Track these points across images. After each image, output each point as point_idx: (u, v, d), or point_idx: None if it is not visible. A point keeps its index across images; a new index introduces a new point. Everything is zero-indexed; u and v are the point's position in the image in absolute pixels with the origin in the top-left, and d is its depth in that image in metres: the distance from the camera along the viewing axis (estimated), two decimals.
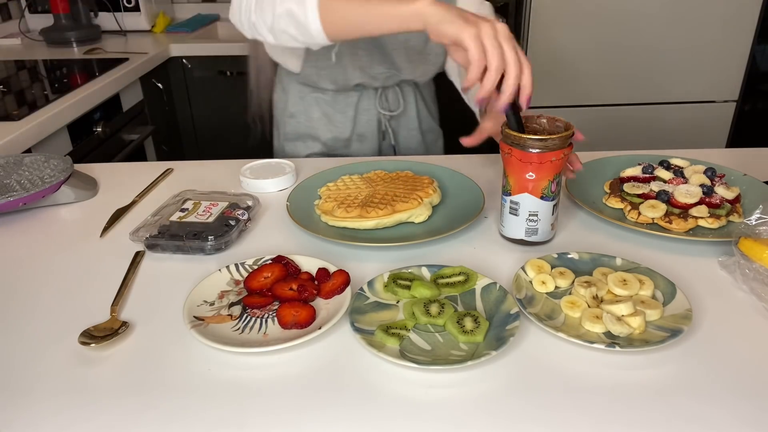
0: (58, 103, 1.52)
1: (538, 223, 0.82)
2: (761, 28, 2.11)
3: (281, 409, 0.59)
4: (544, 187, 0.80)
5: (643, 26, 2.09)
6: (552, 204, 0.82)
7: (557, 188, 0.81)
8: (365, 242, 0.84)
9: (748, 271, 0.76)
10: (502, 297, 0.72)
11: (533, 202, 0.81)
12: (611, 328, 0.66)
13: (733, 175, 0.99)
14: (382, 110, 1.25)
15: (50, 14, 2.25)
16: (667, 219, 0.86)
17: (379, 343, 0.65)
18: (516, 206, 0.82)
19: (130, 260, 0.83)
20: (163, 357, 0.66)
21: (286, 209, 0.92)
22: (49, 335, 0.69)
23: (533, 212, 0.82)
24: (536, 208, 0.81)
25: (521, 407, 0.58)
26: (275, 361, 0.65)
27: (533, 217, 0.82)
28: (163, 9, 2.50)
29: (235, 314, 0.71)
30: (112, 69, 1.85)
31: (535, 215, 0.82)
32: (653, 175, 0.97)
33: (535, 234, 0.83)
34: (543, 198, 0.81)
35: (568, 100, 2.19)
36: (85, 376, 0.63)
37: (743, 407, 0.58)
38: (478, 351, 0.64)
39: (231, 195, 0.96)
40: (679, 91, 2.21)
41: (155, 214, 0.91)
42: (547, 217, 0.83)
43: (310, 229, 0.87)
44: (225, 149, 2.35)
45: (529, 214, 0.82)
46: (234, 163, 1.13)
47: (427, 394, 0.60)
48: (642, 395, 0.59)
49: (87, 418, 0.58)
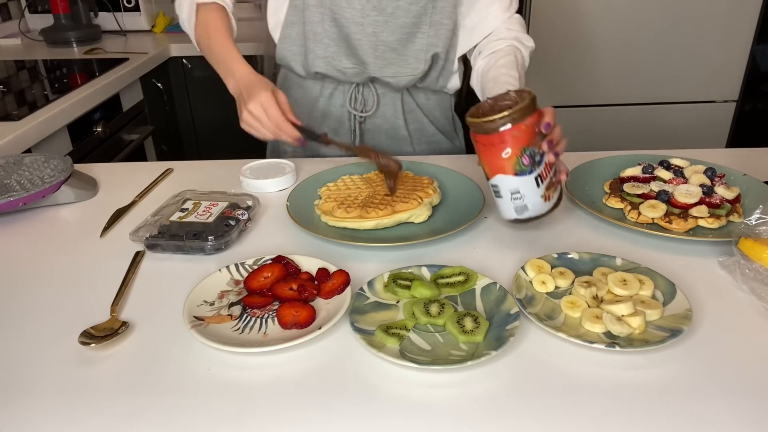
0: (58, 103, 1.52)
1: (524, 199, 0.81)
2: (761, 28, 2.11)
3: (281, 409, 0.59)
4: (514, 163, 0.79)
5: (643, 26, 2.09)
6: (532, 177, 0.80)
7: (530, 160, 0.79)
8: (365, 242, 0.84)
9: (748, 271, 0.76)
10: (502, 297, 0.72)
11: (509, 180, 0.80)
12: (611, 328, 0.66)
13: (733, 175, 0.99)
14: (352, 109, 1.19)
15: (50, 14, 2.25)
16: (667, 219, 0.86)
17: (379, 343, 0.65)
18: (497, 189, 0.82)
19: (130, 260, 0.83)
20: (163, 357, 0.66)
21: (286, 209, 0.92)
22: (49, 335, 0.69)
23: (514, 190, 0.81)
24: (515, 186, 0.81)
25: (521, 407, 0.58)
26: (275, 361, 0.65)
27: (516, 195, 0.81)
28: (163, 9, 2.49)
29: (235, 314, 0.71)
30: (112, 69, 1.85)
31: (518, 192, 0.81)
32: (653, 175, 0.97)
33: (527, 210, 0.83)
34: (518, 174, 0.80)
35: (568, 100, 2.19)
36: (85, 376, 0.63)
37: (743, 407, 0.58)
38: (478, 351, 0.64)
39: (231, 195, 0.96)
40: (679, 91, 2.21)
41: (155, 214, 0.91)
42: (531, 191, 0.81)
43: (310, 230, 0.87)
44: (225, 149, 2.34)
45: (511, 193, 0.81)
46: (234, 163, 1.13)
47: (427, 394, 0.60)
48: (642, 395, 0.59)
49: (87, 418, 0.58)
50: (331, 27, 1.10)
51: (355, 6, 1.08)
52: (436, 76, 1.16)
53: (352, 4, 1.08)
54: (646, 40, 2.12)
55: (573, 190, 0.96)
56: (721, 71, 2.18)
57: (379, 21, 1.09)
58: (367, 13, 1.08)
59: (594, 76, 2.17)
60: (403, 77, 1.14)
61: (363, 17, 1.08)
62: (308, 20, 1.10)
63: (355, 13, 1.08)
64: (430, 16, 1.09)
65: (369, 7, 1.08)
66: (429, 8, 1.08)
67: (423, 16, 1.09)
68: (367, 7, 1.08)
